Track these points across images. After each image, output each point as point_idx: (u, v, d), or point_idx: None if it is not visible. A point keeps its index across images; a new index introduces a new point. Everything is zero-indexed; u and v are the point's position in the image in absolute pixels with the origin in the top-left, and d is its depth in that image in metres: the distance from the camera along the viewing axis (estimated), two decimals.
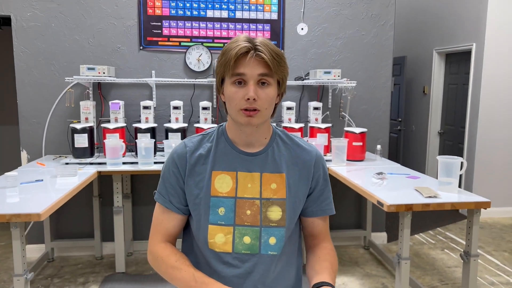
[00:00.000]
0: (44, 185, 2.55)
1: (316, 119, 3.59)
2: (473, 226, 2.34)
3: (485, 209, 2.29)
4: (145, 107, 3.39)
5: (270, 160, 1.25)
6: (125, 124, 3.37)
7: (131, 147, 3.48)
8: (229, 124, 1.27)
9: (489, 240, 4.08)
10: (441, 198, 2.32)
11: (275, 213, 1.23)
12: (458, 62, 5.23)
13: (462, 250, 2.46)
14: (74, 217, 3.66)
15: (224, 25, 3.62)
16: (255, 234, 1.22)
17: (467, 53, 4.96)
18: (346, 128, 3.52)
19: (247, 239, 1.22)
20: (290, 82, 3.68)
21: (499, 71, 4.64)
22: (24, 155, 3.52)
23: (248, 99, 1.12)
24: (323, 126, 3.47)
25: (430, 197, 2.32)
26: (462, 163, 2.42)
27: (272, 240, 1.22)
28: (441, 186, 2.47)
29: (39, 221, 2.08)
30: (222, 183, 1.22)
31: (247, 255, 1.22)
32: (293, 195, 1.25)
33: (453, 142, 5.34)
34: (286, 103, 3.55)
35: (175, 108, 3.43)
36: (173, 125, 3.32)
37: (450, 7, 5.21)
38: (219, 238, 1.21)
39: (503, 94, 4.68)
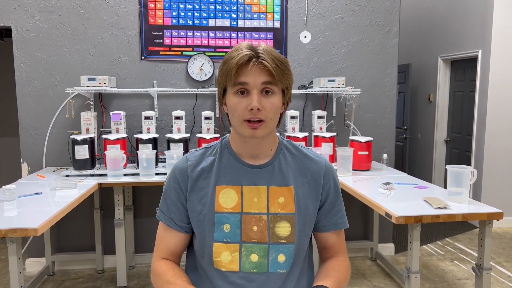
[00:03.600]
0: (43, 198, 2.49)
1: (321, 128, 3.52)
2: (486, 238, 2.26)
3: (498, 220, 2.21)
4: (147, 118, 3.34)
5: (277, 172, 1.19)
6: (126, 135, 3.32)
7: (133, 158, 3.43)
8: (232, 136, 1.21)
9: (499, 250, 3.98)
10: (452, 209, 2.24)
11: (283, 228, 1.16)
12: (464, 69, 5.16)
13: (474, 262, 2.38)
14: (75, 230, 3.60)
15: (226, 34, 3.58)
16: (262, 251, 1.15)
17: (473, 60, 4.90)
18: (351, 137, 3.45)
19: (254, 257, 1.14)
20: (293, 91, 3.62)
21: (506, 78, 4.56)
22: (24, 167, 3.47)
23: (252, 109, 1.07)
24: (328, 135, 3.40)
25: (440, 208, 2.24)
26: (472, 172, 2.34)
27: (281, 258, 1.15)
28: (451, 197, 2.39)
29: (36, 236, 2.02)
30: (227, 198, 1.16)
31: (255, 274, 1.14)
32: (302, 209, 1.18)
33: (460, 150, 5.26)
34: (290, 112, 3.49)
35: (177, 118, 3.39)
36: (175, 136, 3.26)
37: (455, 14, 5.16)
38: (225, 257, 1.14)
39: (511, 100, 4.60)
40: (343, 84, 3.46)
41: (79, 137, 3.14)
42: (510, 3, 4.48)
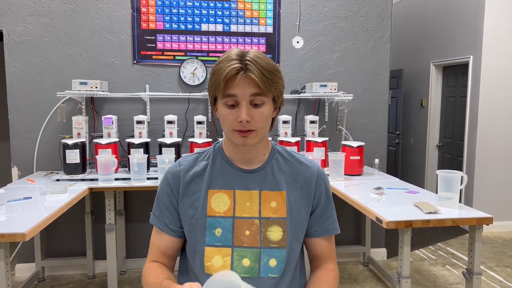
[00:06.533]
0: (33, 202, 2.47)
1: (313, 133, 3.53)
2: (476, 242, 2.26)
3: (487, 225, 2.21)
4: (139, 122, 3.33)
5: (270, 177, 1.19)
6: (118, 139, 3.31)
7: (124, 163, 3.41)
8: (225, 141, 1.21)
9: (490, 255, 4.00)
10: (442, 214, 2.25)
11: (275, 233, 1.15)
12: (456, 75, 5.21)
13: (464, 267, 2.38)
14: (65, 235, 3.57)
15: (219, 38, 3.59)
16: (254, 256, 1.14)
17: (465, 66, 4.94)
18: (344, 142, 3.46)
19: (246, 262, 1.14)
20: (286, 96, 3.63)
21: (497, 83, 4.61)
22: (15, 171, 3.44)
23: (241, 121, 1.07)
24: (320, 140, 3.41)
25: (430, 213, 2.25)
26: (462, 177, 2.36)
27: (273, 262, 1.15)
28: (441, 201, 2.40)
29: (25, 241, 2.00)
30: (219, 202, 1.16)
31: (246, 279, 1.14)
32: (294, 214, 1.18)
33: (452, 155, 5.29)
34: (282, 117, 3.49)
35: (169, 122, 3.38)
36: (167, 140, 3.25)
37: (446, 20, 5.21)
38: (217, 261, 1.14)
39: (502, 106, 4.64)
40: (335, 89, 3.48)
41: (70, 141, 3.12)
42: (501, 10, 4.53)
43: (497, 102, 4.63)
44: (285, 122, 3.49)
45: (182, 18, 3.53)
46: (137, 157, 3.02)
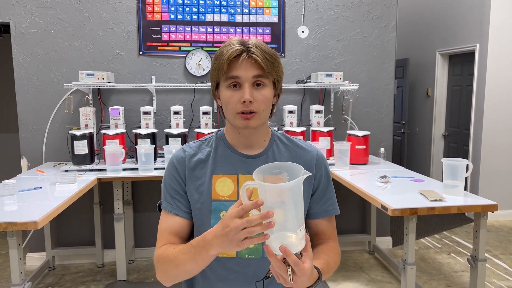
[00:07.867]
0: (43, 192, 2.52)
1: (318, 123, 3.54)
2: (480, 230, 2.28)
3: (492, 212, 2.23)
4: (145, 113, 3.36)
5: (271, 161, 1.22)
6: (125, 130, 3.34)
7: (132, 153, 3.45)
8: (227, 128, 1.25)
9: (496, 243, 4.01)
10: (447, 201, 2.27)
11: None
12: (462, 64, 5.18)
13: (469, 254, 2.40)
14: (75, 225, 3.62)
15: (224, 29, 3.59)
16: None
17: (471, 54, 4.91)
18: (349, 131, 3.47)
19: None
20: (291, 86, 3.64)
21: (504, 72, 4.58)
22: (24, 162, 3.49)
23: (244, 102, 1.10)
24: (326, 129, 3.42)
25: (435, 200, 2.27)
26: (467, 165, 2.37)
27: None
28: (447, 189, 2.41)
29: (36, 229, 2.04)
30: (223, 186, 1.20)
31: (251, 260, 1.18)
32: None
33: (457, 145, 5.28)
34: (288, 107, 3.51)
35: (176, 113, 3.40)
36: (174, 131, 3.28)
37: (452, 8, 5.17)
38: None
39: (508, 95, 4.62)
40: (340, 78, 3.48)
41: (78, 133, 3.16)
42: None
43: (503, 90, 4.60)
44: (290, 112, 3.50)
45: (187, 9, 3.54)
46: (144, 147, 3.05)
